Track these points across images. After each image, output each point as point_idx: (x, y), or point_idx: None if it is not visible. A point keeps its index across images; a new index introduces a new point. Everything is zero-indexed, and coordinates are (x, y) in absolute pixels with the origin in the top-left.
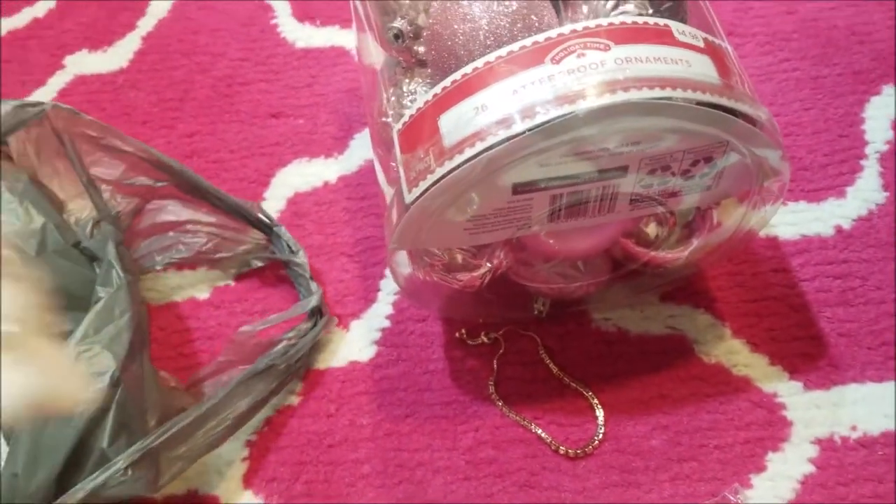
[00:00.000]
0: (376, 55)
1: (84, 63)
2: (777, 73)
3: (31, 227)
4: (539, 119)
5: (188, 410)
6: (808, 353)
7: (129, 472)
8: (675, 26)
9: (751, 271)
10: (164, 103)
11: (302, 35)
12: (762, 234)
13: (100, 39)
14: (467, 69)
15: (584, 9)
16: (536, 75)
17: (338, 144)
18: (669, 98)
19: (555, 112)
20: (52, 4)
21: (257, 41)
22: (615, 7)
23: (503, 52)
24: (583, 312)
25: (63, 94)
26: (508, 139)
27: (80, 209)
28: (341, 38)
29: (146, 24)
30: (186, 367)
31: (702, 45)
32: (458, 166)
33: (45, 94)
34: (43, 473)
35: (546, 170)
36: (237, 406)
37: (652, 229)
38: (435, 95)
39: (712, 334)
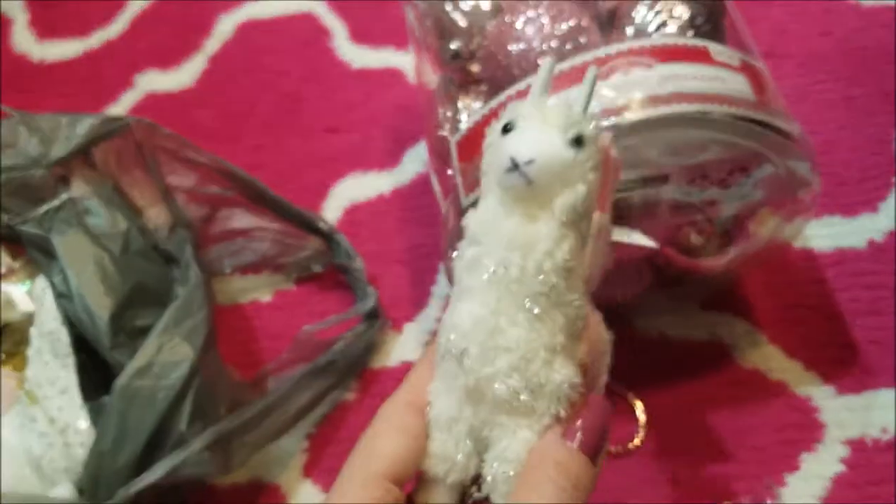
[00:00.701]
0: (432, 74)
1: (154, 82)
2: (813, 94)
3: (117, 229)
4: None
5: (256, 401)
6: (841, 360)
7: (205, 453)
8: (713, 47)
9: (787, 281)
10: (230, 119)
11: (357, 56)
12: (798, 245)
13: (168, 59)
14: (521, 85)
15: (629, 31)
16: None
17: (391, 158)
18: (707, 112)
19: (601, 123)
20: (125, 26)
21: (316, 61)
22: (658, 29)
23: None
24: (625, 318)
25: (133, 110)
26: None
27: (157, 215)
28: (395, 59)
29: (212, 46)
30: (251, 364)
31: (738, 64)
32: None
33: (116, 110)
34: (128, 452)
35: None
36: (299, 399)
37: (693, 238)
38: (491, 109)
39: (749, 341)
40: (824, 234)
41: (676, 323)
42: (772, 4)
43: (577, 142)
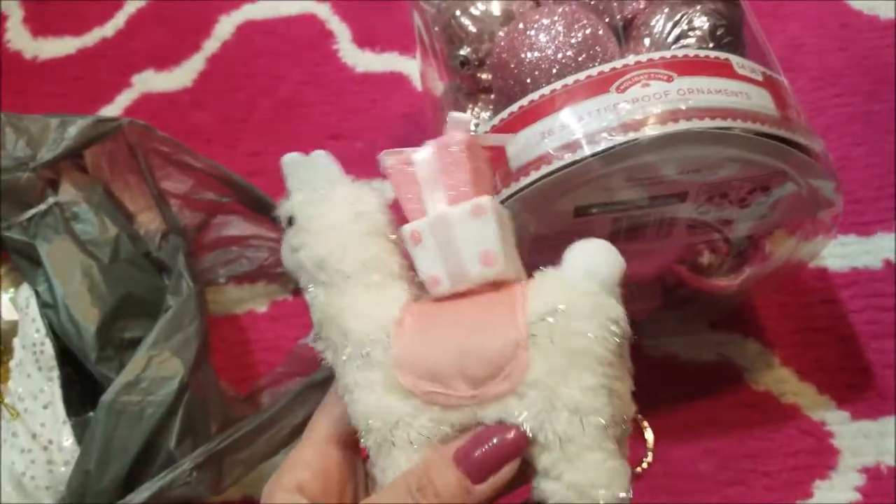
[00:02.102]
0: (438, 81)
1: (150, 82)
2: (829, 108)
3: (106, 236)
4: (604, 145)
5: (250, 418)
6: (856, 384)
7: (194, 473)
8: (735, 60)
9: (800, 301)
10: (228, 123)
11: (362, 60)
12: (812, 265)
13: (166, 59)
14: (534, 95)
15: (647, 42)
16: (602, 103)
17: None
18: (729, 128)
19: (619, 139)
20: (121, 25)
21: (319, 66)
22: (677, 41)
23: (569, 80)
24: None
25: (129, 111)
26: (573, 164)
27: (149, 221)
28: (400, 64)
29: (211, 46)
30: (245, 378)
31: (760, 78)
32: (524, 188)
33: (111, 111)
34: (113, 471)
35: (609, 194)
36: (295, 416)
37: (706, 257)
38: (502, 120)
39: (761, 362)
40: (839, 253)
41: (685, 343)
42: (788, 18)
43: (290, 222)
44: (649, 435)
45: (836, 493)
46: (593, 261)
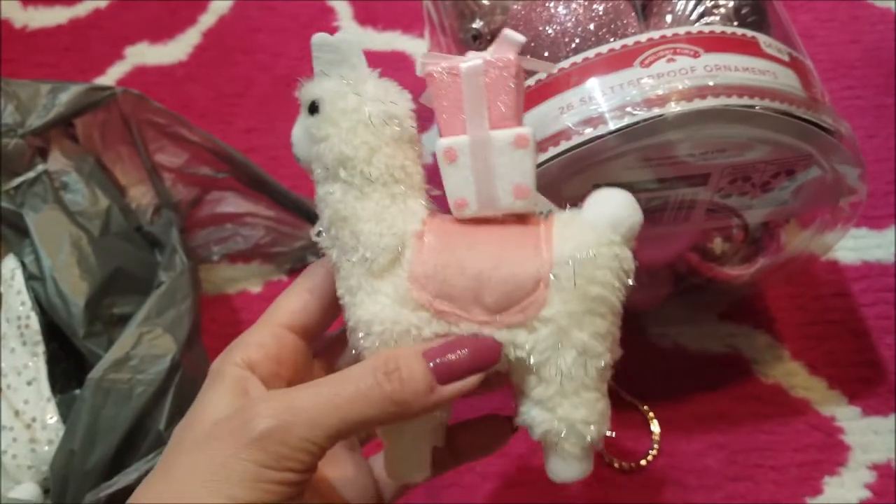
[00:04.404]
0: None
1: (144, 54)
2: (841, 101)
3: (96, 208)
4: (627, 121)
5: None
6: (867, 379)
7: None
8: (762, 38)
9: (811, 294)
10: (223, 98)
11: (363, 38)
12: (823, 258)
13: (161, 32)
14: (553, 68)
15: (668, 18)
16: (625, 77)
17: None
18: (759, 107)
19: (643, 114)
20: None
21: None
22: (700, 18)
23: (590, 53)
24: (639, 326)
25: (122, 83)
26: (594, 139)
27: (141, 195)
28: (402, 42)
29: (207, 21)
30: None
31: (787, 58)
32: (541, 164)
33: (103, 83)
34: (99, 451)
35: (630, 173)
36: None
37: (718, 245)
38: None
39: (771, 355)
40: (851, 246)
41: (693, 333)
42: (799, 10)
43: (313, 108)
44: (655, 427)
45: (845, 490)
46: (617, 211)
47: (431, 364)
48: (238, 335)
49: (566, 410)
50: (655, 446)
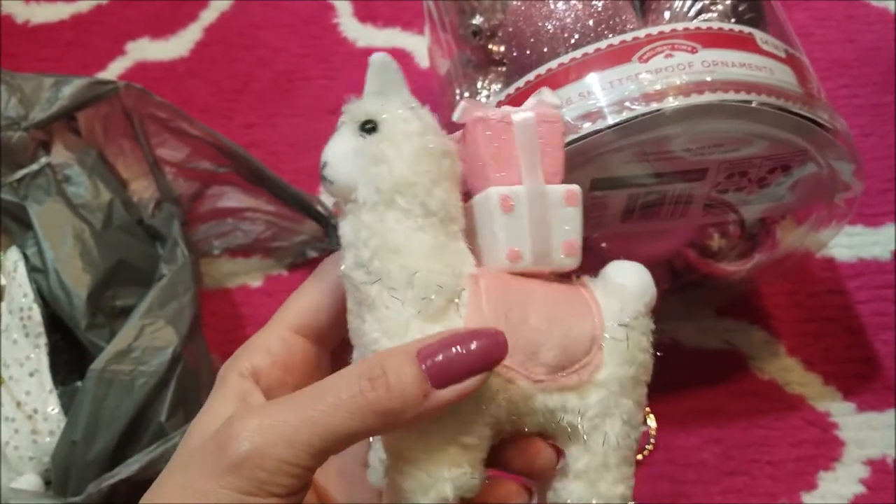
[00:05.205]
0: (447, 54)
1: (145, 50)
2: (837, 99)
3: (99, 201)
4: (625, 115)
5: None
6: (862, 375)
7: None
8: (759, 35)
9: (807, 291)
10: (224, 94)
11: (363, 35)
12: (819, 255)
13: (162, 28)
14: (551, 64)
15: (667, 15)
16: (623, 73)
17: None
18: (755, 102)
19: (641, 109)
20: None
21: (318, 39)
22: (698, 15)
23: (589, 49)
24: None
25: (123, 78)
26: (593, 133)
27: (142, 189)
28: (402, 39)
29: (209, 16)
30: None
31: (783, 55)
32: None
33: (105, 77)
34: (101, 443)
35: (627, 167)
36: None
37: (715, 241)
38: (518, 89)
39: (767, 351)
40: (846, 243)
41: (690, 329)
42: (795, 8)
43: (367, 127)
44: (652, 421)
45: (840, 486)
46: (642, 282)
47: (425, 366)
48: (238, 329)
49: (607, 486)
50: (652, 441)
